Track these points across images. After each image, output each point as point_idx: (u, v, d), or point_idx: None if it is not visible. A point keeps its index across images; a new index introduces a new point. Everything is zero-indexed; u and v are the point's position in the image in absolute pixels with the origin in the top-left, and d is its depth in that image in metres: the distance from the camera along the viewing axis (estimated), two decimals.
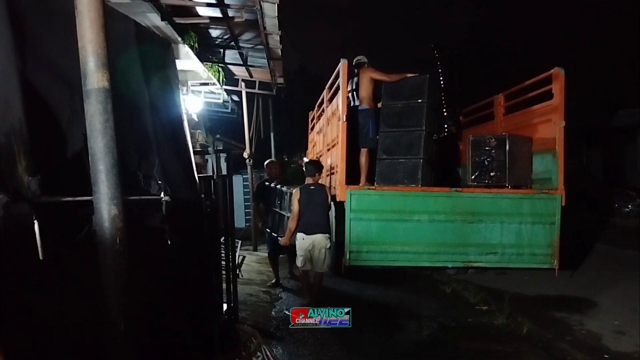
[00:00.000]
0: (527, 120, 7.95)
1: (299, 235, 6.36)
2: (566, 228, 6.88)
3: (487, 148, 7.34)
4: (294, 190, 6.53)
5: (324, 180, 8.81)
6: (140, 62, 2.84)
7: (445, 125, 11.85)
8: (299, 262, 6.45)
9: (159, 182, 2.71)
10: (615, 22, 22.36)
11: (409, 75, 7.49)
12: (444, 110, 16.97)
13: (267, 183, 8.20)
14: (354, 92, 7.89)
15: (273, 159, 9.46)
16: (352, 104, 7.83)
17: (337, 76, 7.34)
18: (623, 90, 19.46)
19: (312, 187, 6.43)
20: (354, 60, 7.83)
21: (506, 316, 5.95)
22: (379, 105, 7.66)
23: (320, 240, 6.28)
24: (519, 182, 7.36)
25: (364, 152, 7.50)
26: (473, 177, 7.40)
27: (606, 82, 20.37)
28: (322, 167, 6.92)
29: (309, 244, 6.29)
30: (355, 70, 7.79)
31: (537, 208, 6.89)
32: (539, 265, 7.11)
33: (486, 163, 7.31)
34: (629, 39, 21.22)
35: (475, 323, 5.96)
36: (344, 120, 6.95)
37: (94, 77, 1.93)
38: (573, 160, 15.82)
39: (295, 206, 6.38)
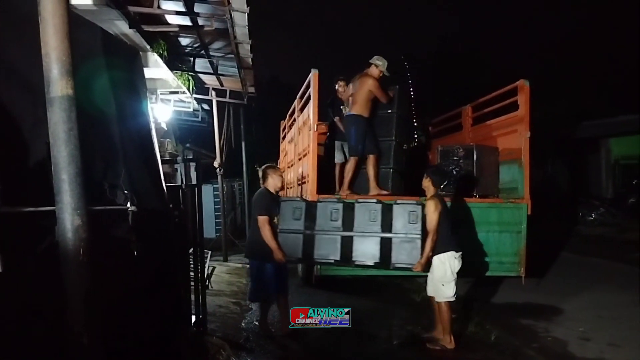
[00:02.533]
0: (494, 130, 8.12)
1: (450, 254, 5.29)
2: (532, 236, 7.02)
3: (455, 158, 7.45)
4: (430, 200, 5.39)
5: (295, 189, 8.81)
6: (107, 69, 2.80)
7: (416, 135, 12.00)
8: (450, 291, 5.31)
9: (126, 191, 2.66)
10: (578, 39, 23.14)
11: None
12: (414, 120, 17.19)
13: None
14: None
15: (274, 164, 7.28)
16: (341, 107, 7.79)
17: (308, 86, 7.36)
18: (586, 102, 20.11)
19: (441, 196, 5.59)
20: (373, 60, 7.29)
21: (475, 324, 6.04)
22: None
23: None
24: (487, 192, 7.48)
25: (351, 160, 7.18)
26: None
27: (570, 95, 21.02)
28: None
29: (460, 263, 5.36)
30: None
31: (504, 217, 7.01)
32: (506, 273, 7.22)
33: (454, 172, 7.42)
34: (591, 55, 22.01)
35: None
36: (315, 129, 6.97)
37: (58, 84, 1.90)
38: (539, 170, 16.23)
39: (435, 220, 5.24)
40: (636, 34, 21.09)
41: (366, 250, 5.64)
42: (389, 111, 7.35)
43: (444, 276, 5.30)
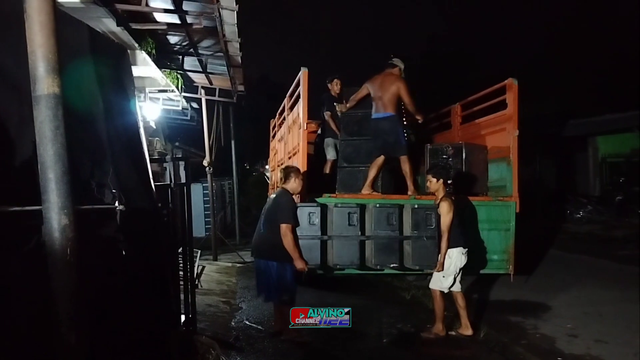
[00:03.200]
0: (483, 129, 8.16)
1: (458, 250, 5.58)
2: (521, 234, 7.07)
3: (444, 156, 7.48)
4: (444, 201, 5.56)
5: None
6: (94, 67, 2.78)
7: (406, 134, 12.01)
8: (447, 283, 5.61)
9: (114, 190, 2.64)
10: (566, 39, 23.35)
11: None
12: (404, 118, 17.20)
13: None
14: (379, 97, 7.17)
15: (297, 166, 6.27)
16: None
17: (298, 84, 7.35)
18: (574, 101, 20.30)
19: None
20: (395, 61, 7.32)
21: None
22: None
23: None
24: (475, 190, 7.52)
25: (404, 159, 7.07)
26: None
27: (558, 94, 21.21)
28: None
29: (465, 259, 5.65)
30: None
31: (492, 215, 7.05)
32: (495, 270, 7.26)
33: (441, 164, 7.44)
34: (579, 54, 22.22)
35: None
36: (305, 128, 6.96)
37: (44, 82, 1.87)
38: (527, 168, 16.34)
39: (449, 220, 5.49)
40: (623, 34, 21.34)
41: (385, 255, 5.69)
42: None
43: (447, 269, 5.56)
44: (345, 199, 6.90)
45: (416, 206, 5.71)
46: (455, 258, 5.57)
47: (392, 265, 5.76)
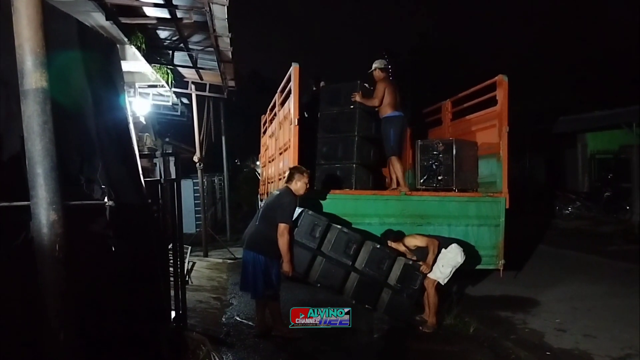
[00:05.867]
0: (473, 125, 8.19)
1: (456, 245, 5.98)
2: (510, 230, 7.11)
3: (435, 152, 7.50)
4: (426, 246, 5.93)
5: (276, 184, 8.78)
6: (83, 62, 2.75)
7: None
8: (443, 273, 5.84)
9: (103, 186, 2.62)
10: (556, 36, 23.48)
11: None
12: None
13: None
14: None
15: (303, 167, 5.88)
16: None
17: (289, 80, 7.33)
18: (564, 98, 20.41)
19: None
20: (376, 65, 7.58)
21: (453, 316, 6.10)
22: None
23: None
24: (466, 186, 7.55)
25: (393, 159, 7.37)
26: (422, 180, 7.54)
27: (548, 90, 21.31)
28: None
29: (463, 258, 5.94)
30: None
31: (482, 211, 7.08)
32: (484, 266, 7.29)
33: (434, 167, 7.47)
34: (568, 51, 22.36)
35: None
36: (296, 123, 6.95)
37: (32, 76, 1.86)
38: (517, 165, 16.44)
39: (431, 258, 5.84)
40: (613, 32, 21.50)
41: (364, 294, 5.79)
42: (352, 107, 7.43)
43: (450, 259, 5.82)
44: (336, 195, 6.89)
45: (410, 262, 5.85)
46: (454, 252, 5.83)
47: (366, 306, 5.85)
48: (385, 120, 7.31)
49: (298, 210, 5.71)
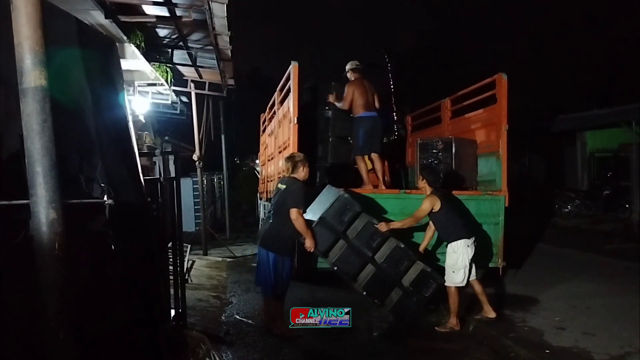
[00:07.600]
0: (473, 123, 8.19)
1: (463, 242, 5.73)
2: (510, 228, 7.11)
3: (434, 151, 7.51)
4: (427, 199, 5.88)
5: (275, 182, 8.78)
6: (82, 60, 2.74)
7: (395, 129, 12.03)
8: (458, 277, 5.72)
9: (102, 184, 2.62)
10: (555, 34, 23.46)
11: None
12: (394, 113, 17.23)
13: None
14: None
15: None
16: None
17: (288, 78, 7.32)
18: (563, 96, 20.41)
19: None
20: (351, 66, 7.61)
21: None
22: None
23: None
24: (465, 184, 7.56)
25: (374, 157, 7.40)
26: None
27: (547, 89, 21.31)
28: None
29: (472, 250, 5.79)
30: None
31: (482, 209, 7.08)
32: (484, 264, 7.30)
33: (433, 165, 7.48)
34: (568, 49, 22.35)
35: (423, 322, 6.07)
36: (296, 122, 6.95)
37: (31, 75, 1.85)
38: (516, 163, 16.43)
39: (424, 212, 5.86)
40: (612, 30, 21.49)
41: (375, 288, 5.77)
42: (326, 107, 7.45)
43: (454, 264, 5.70)
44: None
45: (428, 270, 5.80)
46: (460, 252, 5.70)
47: (375, 300, 5.84)
48: (355, 120, 7.39)
49: (335, 193, 5.89)
